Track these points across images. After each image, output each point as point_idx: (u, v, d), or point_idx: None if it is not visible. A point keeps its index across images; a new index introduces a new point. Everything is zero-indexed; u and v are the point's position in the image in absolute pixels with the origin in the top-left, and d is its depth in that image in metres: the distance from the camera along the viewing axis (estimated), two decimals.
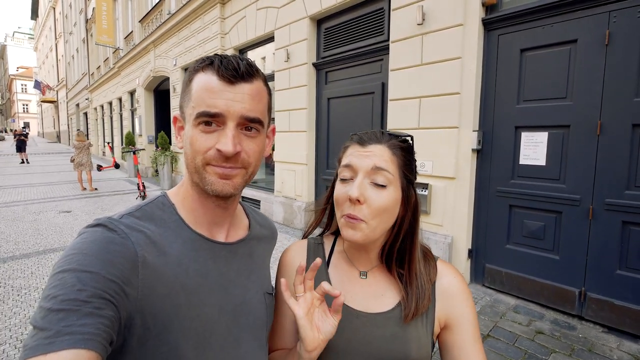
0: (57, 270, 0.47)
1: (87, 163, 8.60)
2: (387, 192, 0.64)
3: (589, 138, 2.69)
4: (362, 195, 0.63)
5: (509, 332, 2.59)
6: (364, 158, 0.66)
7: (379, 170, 0.64)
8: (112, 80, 15.55)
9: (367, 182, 0.64)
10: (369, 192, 0.64)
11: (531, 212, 3.03)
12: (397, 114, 3.81)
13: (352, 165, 0.67)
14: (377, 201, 0.63)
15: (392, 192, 0.65)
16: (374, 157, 0.65)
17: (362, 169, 0.65)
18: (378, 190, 0.64)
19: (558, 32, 2.80)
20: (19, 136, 15.39)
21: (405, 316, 0.67)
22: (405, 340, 0.67)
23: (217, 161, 0.58)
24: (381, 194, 0.64)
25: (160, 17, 9.86)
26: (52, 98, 35.73)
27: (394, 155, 0.66)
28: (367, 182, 0.64)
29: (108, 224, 0.53)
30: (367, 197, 0.63)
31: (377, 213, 0.64)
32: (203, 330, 0.58)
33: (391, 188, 0.65)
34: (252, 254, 0.72)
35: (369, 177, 0.65)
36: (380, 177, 0.64)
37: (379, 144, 0.67)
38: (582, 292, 2.75)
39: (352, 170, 0.67)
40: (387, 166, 0.65)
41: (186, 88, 0.61)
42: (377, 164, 0.65)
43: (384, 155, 0.66)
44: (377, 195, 0.64)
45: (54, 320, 0.42)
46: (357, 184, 0.64)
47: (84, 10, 19.63)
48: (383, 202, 0.64)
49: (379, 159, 0.65)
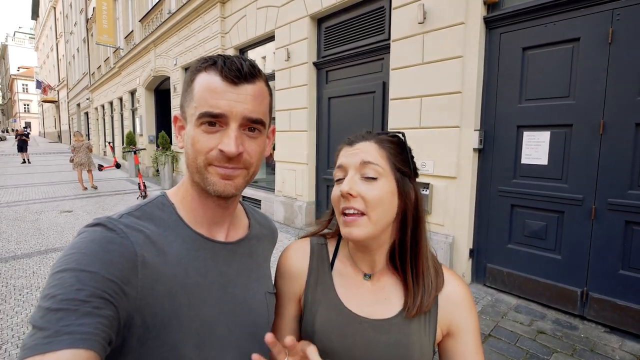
0: (56, 270, 0.46)
1: (86, 162, 8.67)
2: (378, 184, 0.65)
3: (592, 137, 2.67)
4: (352, 189, 0.64)
5: (511, 331, 2.58)
6: (352, 156, 0.68)
7: (367, 164, 0.65)
8: (113, 80, 15.56)
9: (358, 177, 0.65)
10: (359, 186, 0.64)
11: (533, 211, 3.02)
12: (398, 113, 3.80)
13: (343, 164, 0.68)
14: (369, 193, 0.64)
15: (384, 184, 0.65)
16: (362, 153, 0.67)
17: (351, 165, 0.67)
18: (369, 183, 0.65)
19: (561, 30, 2.78)
20: (21, 136, 15.40)
21: (409, 310, 0.67)
22: (408, 347, 0.66)
23: (220, 162, 0.58)
24: (372, 185, 0.64)
25: (160, 17, 9.85)
26: (53, 98, 35.78)
27: (382, 149, 0.68)
28: (358, 177, 0.65)
29: (107, 224, 0.53)
30: (359, 190, 0.64)
31: (373, 205, 0.64)
32: (203, 330, 0.58)
33: (382, 180, 0.65)
34: (252, 254, 0.72)
35: (359, 172, 0.66)
36: (369, 171, 0.65)
37: (366, 141, 0.69)
38: (584, 292, 2.74)
39: (343, 170, 0.68)
40: (375, 159, 0.66)
41: (188, 88, 0.60)
42: (364, 158, 0.66)
43: (371, 151, 0.67)
44: (368, 188, 0.64)
45: (52, 319, 0.42)
46: (347, 179, 0.65)
47: (84, 10, 19.63)
48: (376, 194, 0.64)
49: (366, 154, 0.67)
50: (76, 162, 8.59)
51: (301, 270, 0.76)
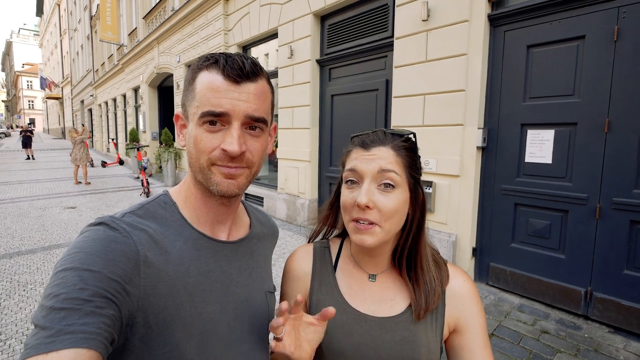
0: (59, 269, 0.47)
1: (82, 158, 8.97)
2: (395, 195, 0.63)
3: (597, 136, 2.65)
4: (370, 200, 0.62)
5: (514, 331, 2.57)
6: (368, 162, 0.65)
7: (385, 173, 0.63)
8: (116, 76, 15.59)
9: (375, 187, 0.64)
10: (377, 196, 0.63)
11: (537, 210, 3.00)
12: (401, 111, 3.78)
13: (358, 169, 0.65)
14: (387, 205, 0.62)
15: (400, 194, 0.64)
16: (379, 160, 0.64)
17: (368, 173, 0.64)
18: (386, 194, 0.63)
19: (566, 28, 2.75)
20: (25, 132, 15.51)
21: (417, 315, 0.66)
22: (415, 344, 0.66)
23: (223, 161, 0.58)
24: (390, 196, 0.63)
25: (164, 14, 9.85)
26: (57, 94, 35.93)
27: (399, 157, 0.65)
28: (375, 187, 0.64)
29: (110, 223, 0.53)
30: (376, 201, 0.62)
31: (388, 216, 0.63)
32: (205, 329, 0.58)
33: (399, 190, 0.64)
34: (253, 253, 0.72)
35: (376, 181, 0.64)
36: (387, 181, 0.63)
37: (382, 146, 0.66)
38: (588, 292, 2.73)
39: (357, 174, 0.65)
40: (394, 168, 0.64)
41: (189, 86, 0.60)
42: (382, 167, 0.63)
43: (389, 158, 0.64)
44: (386, 198, 0.63)
45: (55, 319, 0.42)
46: (364, 190, 0.63)
47: (88, 7, 19.65)
48: (393, 205, 0.63)
49: (384, 161, 0.64)
50: (73, 157, 9.00)
51: (305, 273, 0.77)
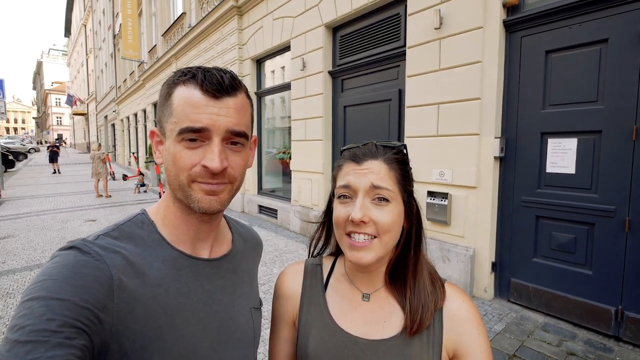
0: (26, 299, 0.44)
1: (102, 172, 9.42)
2: (390, 208, 0.62)
3: (624, 144, 2.50)
4: (366, 215, 0.60)
5: (537, 352, 2.41)
6: (361, 176, 0.63)
7: (378, 188, 0.62)
8: (137, 92, 16.16)
9: (368, 202, 0.62)
10: (372, 211, 0.61)
11: (560, 223, 2.84)
12: (415, 121, 3.71)
13: (350, 185, 0.63)
14: (383, 219, 0.61)
15: (394, 207, 0.63)
16: (371, 174, 0.63)
17: (361, 188, 0.62)
18: (381, 208, 0.61)
19: (587, 31, 2.64)
20: (52, 147, 16.18)
21: (410, 330, 0.62)
22: None
23: (204, 178, 0.56)
24: (385, 210, 0.61)
25: (181, 31, 10.17)
26: (83, 111, 37.55)
27: (392, 170, 0.64)
28: (368, 202, 0.62)
29: (81, 247, 0.51)
30: (372, 216, 0.61)
31: (385, 229, 0.61)
32: (186, 352, 0.56)
33: (393, 204, 0.62)
34: (236, 269, 0.70)
35: (369, 196, 0.62)
36: (380, 195, 0.62)
37: (374, 160, 0.64)
38: (619, 311, 2.54)
39: (351, 190, 0.64)
40: (386, 183, 0.62)
41: (165, 102, 0.58)
42: (374, 182, 0.62)
43: (382, 172, 0.63)
44: (381, 212, 0.61)
45: (20, 353, 0.39)
46: (359, 205, 0.61)
47: (111, 27, 20.59)
48: (388, 220, 0.61)
49: (376, 176, 0.62)
50: (92, 171, 9.46)
51: (294, 292, 0.74)
